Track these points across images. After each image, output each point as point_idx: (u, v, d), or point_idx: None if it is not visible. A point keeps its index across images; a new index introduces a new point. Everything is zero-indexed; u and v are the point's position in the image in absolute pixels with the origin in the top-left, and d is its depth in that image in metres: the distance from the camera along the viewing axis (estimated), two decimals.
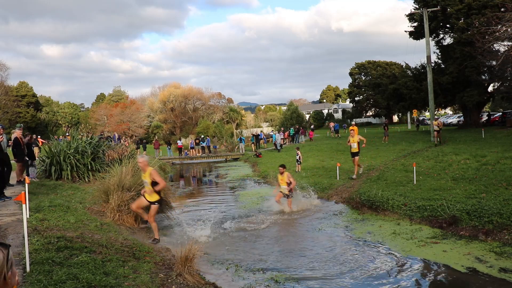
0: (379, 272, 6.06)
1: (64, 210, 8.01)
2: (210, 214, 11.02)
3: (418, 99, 33.29)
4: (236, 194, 14.55)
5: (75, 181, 12.98)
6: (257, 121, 73.56)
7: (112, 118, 58.11)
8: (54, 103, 76.42)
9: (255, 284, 5.72)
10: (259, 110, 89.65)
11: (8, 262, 1.52)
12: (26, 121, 56.25)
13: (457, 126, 38.09)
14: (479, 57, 23.94)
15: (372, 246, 7.33)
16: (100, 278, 4.48)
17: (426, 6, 27.69)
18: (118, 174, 9.04)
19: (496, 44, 23.38)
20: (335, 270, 6.25)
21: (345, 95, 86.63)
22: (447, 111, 69.87)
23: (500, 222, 7.13)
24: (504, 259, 6.04)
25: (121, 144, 23.06)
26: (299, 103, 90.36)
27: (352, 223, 9.11)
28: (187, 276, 5.26)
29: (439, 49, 32.31)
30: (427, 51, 24.99)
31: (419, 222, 8.38)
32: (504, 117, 31.24)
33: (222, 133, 46.13)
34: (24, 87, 64.01)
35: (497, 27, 18.85)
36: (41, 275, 4.31)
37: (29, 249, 4.69)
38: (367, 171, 14.50)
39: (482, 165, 12.62)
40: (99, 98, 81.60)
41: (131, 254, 5.89)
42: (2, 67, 54.45)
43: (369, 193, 10.23)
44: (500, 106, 50.73)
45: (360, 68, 64.44)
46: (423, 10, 25.77)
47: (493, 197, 8.29)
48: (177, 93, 61.82)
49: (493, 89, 32.26)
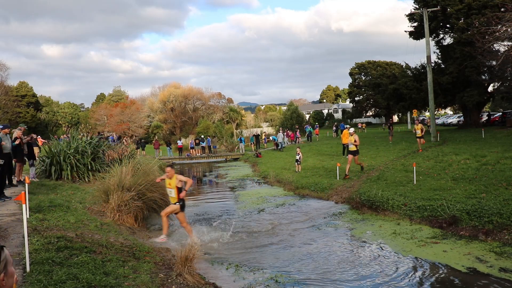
0: (379, 272, 6.06)
1: (64, 210, 8.01)
2: (210, 214, 11.02)
3: (418, 99, 33.27)
4: (236, 194, 14.55)
5: (75, 181, 12.98)
6: (257, 121, 73.50)
7: (112, 118, 58.10)
8: (54, 103, 76.41)
9: (255, 284, 5.72)
10: (259, 110, 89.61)
11: (1, 263, 1.49)
12: (26, 121, 56.21)
13: (457, 126, 38.09)
14: (479, 57, 23.92)
15: (372, 246, 7.32)
16: (100, 278, 4.48)
17: (426, 6, 27.68)
18: (118, 174, 9.04)
19: (496, 44, 23.37)
20: (335, 270, 6.24)
21: (345, 95, 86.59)
22: (447, 111, 69.88)
23: (500, 222, 7.13)
24: (504, 259, 6.04)
25: (121, 144, 23.04)
26: (299, 103, 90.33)
27: (352, 223, 9.11)
28: (187, 276, 5.26)
29: (439, 49, 32.29)
30: (427, 51, 24.98)
31: (419, 222, 8.38)
32: (504, 117, 31.24)
33: (222, 133, 46.11)
34: (24, 87, 63.99)
35: (497, 27, 18.84)
36: (41, 275, 4.31)
37: (29, 249, 4.69)
38: (367, 171, 14.49)
39: (482, 165, 12.62)
40: (99, 98, 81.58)
41: (131, 254, 5.88)
42: (2, 67, 54.51)
43: (369, 193, 10.23)
44: (500, 106, 50.72)
45: (360, 68, 64.40)
46: (423, 10, 25.77)
47: (493, 197, 8.29)
48: (177, 93, 61.82)
49: (493, 89, 32.24)
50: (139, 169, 10.03)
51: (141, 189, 8.78)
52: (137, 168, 10.07)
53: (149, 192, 8.97)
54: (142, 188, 8.81)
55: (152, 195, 9.01)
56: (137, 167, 10.19)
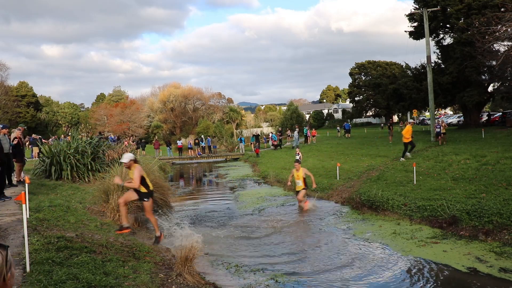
0: (379, 272, 6.06)
1: (64, 210, 8.00)
2: (210, 214, 11.02)
3: (418, 99, 33.27)
4: (236, 194, 14.55)
5: (75, 181, 12.98)
6: (257, 121, 73.54)
7: (112, 118, 58.11)
8: (54, 103, 76.37)
9: (255, 284, 5.72)
10: (259, 110, 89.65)
11: (7, 263, 1.52)
12: (26, 121, 56.24)
13: (457, 126, 38.08)
14: (479, 57, 23.92)
15: (372, 246, 7.32)
16: (100, 278, 4.48)
17: (426, 6, 27.67)
18: (118, 174, 9.03)
19: (496, 44, 23.36)
20: (335, 270, 6.25)
21: (345, 95, 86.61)
22: (447, 111, 69.87)
23: (500, 222, 7.13)
24: (504, 259, 6.04)
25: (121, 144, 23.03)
26: (299, 103, 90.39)
27: (352, 223, 9.11)
28: (187, 276, 5.26)
29: (439, 49, 32.29)
30: (427, 51, 24.97)
31: (419, 222, 8.38)
32: (504, 117, 31.23)
33: (222, 133, 46.12)
34: (24, 87, 63.99)
35: (497, 27, 18.83)
36: (41, 275, 4.30)
37: (29, 249, 4.69)
38: (367, 171, 14.49)
39: (482, 165, 12.61)
40: (99, 98, 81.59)
41: (131, 254, 5.88)
42: (2, 67, 54.52)
43: (369, 193, 10.23)
44: (500, 106, 50.72)
45: (360, 68, 64.43)
46: (423, 10, 25.75)
47: (493, 197, 8.29)
48: (177, 93, 61.85)
49: (493, 89, 32.23)
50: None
51: None
52: None
53: None
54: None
55: None
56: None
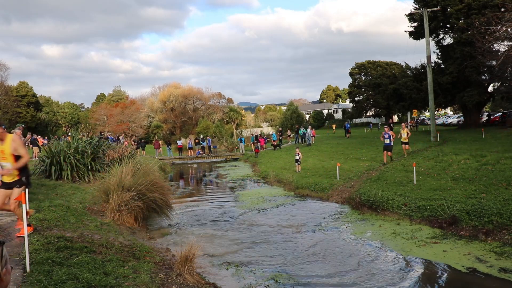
0: (379, 272, 6.06)
1: (64, 210, 8.00)
2: (210, 214, 11.02)
3: (418, 99, 33.27)
4: (236, 194, 14.55)
5: (75, 181, 12.97)
6: (257, 121, 73.49)
7: (112, 118, 58.04)
8: (54, 103, 76.33)
9: (255, 284, 5.72)
10: (259, 110, 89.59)
11: (2, 258, 1.51)
12: (26, 121, 56.19)
13: (457, 126, 38.08)
14: (479, 57, 23.92)
15: (372, 246, 7.33)
16: (100, 278, 4.48)
17: (426, 6, 27.67)
18: (118, 174, 9.04)
19: (496, 44, 23.34)
20: (335, 270, 6.25)
21: (345, 95, 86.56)
22: (447, 111, 69.86)
23: (500, 222, 7.13)
24: (504, 259, 6.05)
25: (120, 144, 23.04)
26: (299, 103, 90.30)
27: (352, 223, 9.11)
28: (187, 276, 5.26)
29: (439, 49, 32.28)
30: (427, 51, 24.97)
31: (419, 222, 8.38)
32: (504, 117, 31.25)
33: (222, 133, 46.10)
34: (24, 87, 63.94)
35: (497, 27, 18.82)
36: (41, 275, 4.30)
37: (29, 249, 4.69)
38: (367, 171, 14.49)
39: (482, 165, 12.61)
40: (99, 98, 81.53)
41: (131, 254, 5.88)
42: (2, 67, 54.45)
43: (369, 193, 10.23)
44: (500, 106, 50.70)
45: (360, 68, 64.38)
46: (423, 10, 25.74)
47: (493, 197, 8.29)
48: (177, 93, 61.79)
49: (493, 89, 32.23)
50: (139, 169, 10.02)
51: (141, 189, 8.78)
52: (137, 168, 10.07)
53: (149, 192, 8.96)
54: (142, 188, 8.80)
55: (152, 195, 9.00)
56: (137, 167, 10.19)
